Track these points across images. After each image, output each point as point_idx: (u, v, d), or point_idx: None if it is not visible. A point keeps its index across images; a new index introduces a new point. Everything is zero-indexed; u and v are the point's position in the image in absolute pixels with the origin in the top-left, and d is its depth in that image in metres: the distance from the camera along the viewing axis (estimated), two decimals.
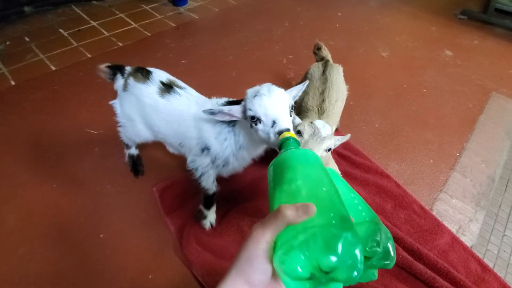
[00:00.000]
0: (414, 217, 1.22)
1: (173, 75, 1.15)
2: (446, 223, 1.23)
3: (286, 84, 1.85)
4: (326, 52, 1.41)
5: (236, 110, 0.85)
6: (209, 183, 1.07)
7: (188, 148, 1.03)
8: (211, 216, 1.14)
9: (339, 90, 1.23)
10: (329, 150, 0.94)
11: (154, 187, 1.25)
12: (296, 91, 0.89)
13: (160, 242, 1.11)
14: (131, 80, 1.05)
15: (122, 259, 1.06)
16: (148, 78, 1.03)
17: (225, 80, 1.83)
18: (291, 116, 0.79)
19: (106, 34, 2.19)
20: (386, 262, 0.46)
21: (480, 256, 1.14)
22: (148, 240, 1.12)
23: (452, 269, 1.05)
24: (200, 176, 1.04)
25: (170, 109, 1.00)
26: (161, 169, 1.35)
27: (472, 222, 1.27)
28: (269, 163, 0.54)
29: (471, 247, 1.17)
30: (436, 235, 1.17)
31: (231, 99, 0.96)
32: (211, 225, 1.14)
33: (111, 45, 2.09)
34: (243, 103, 0.84)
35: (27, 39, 2.12)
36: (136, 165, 1.31)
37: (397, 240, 1.11)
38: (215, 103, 0.95)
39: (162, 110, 1.00)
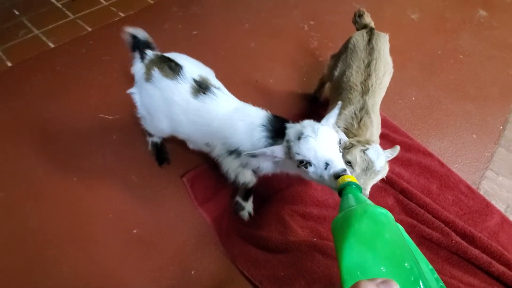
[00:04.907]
0: (462, 197, 1.15)
1: (185, 48, 1.03)
2: (494, 203, 1.16)
3: (310, 55, 1.68)
4: (369, 19, 1.24)
5: (278, 151, 0.80)
6: (247, 178, 1.00)
7: (214, 147, 0.96)
8: (248, 206, 1.07)
9: (387, 62, 1.09)
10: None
11: (184, 177, 1.16)
12: (333, 117, 0.84)
13: (198, 235, 1.05)
14: (156, 72, 0.92)
15: (161, 256, 1.00)
16: (178, 74, 0.90)
17: (244, 52, 1.66)
18: (340, 151, 0.76)
19: (104, 3, 1.96)
20: None
21: None
22: (185, 234, 1.05)
23: (504, 251, 1.01)
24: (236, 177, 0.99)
25: (203, 111, 0.90)
26: (187, 156, 1.24)
27: None
28: None
29: None
30: (485, 216, 1.11)
31: (277, 115, 0.89)
32: (250, 215, 1.07)
33: (111, 16, 1.87)
34: (285, 143, 0.80)
35: (17, 12, 1.90)
36: (160, 153, 1.21)
37: (448, 223, 1.05)
38: (263, 115, 0.88)
39: (193, 111, 0.91)
